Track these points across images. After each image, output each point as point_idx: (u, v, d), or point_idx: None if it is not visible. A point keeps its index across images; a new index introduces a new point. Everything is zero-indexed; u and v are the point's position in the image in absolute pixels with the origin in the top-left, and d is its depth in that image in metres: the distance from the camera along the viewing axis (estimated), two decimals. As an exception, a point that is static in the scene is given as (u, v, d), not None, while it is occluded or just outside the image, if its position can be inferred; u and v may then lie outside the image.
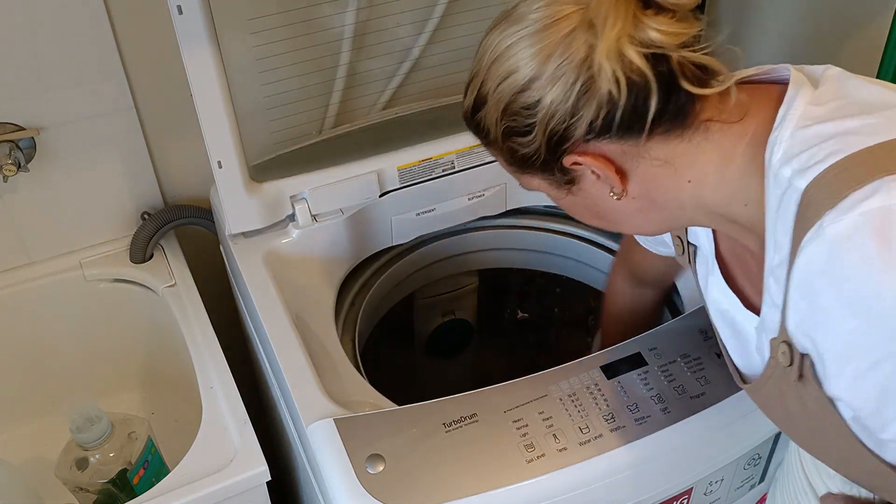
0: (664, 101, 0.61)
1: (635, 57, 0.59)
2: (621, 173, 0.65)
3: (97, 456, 0.98)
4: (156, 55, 1.04)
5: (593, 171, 0.65)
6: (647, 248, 0.90)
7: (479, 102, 0.68)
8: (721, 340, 0.77)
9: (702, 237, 0.77)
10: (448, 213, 1.10)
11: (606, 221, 0.72)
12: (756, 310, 0.69)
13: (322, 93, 1.12)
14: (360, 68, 1.13)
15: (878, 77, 0.92)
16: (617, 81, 0.60)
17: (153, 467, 1.03)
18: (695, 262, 0.80)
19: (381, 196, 1.04)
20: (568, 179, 0.68)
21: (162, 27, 0.99)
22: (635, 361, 0.83)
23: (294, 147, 1.07)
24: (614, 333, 1.03)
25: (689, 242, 0.79)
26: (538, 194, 1.15)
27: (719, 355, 0.83)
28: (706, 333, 0.85)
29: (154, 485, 0.84)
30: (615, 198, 0.67)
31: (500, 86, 0.65)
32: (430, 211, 1.08)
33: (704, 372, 0.82)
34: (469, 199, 1.10)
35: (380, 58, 1.14)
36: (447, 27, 1.15)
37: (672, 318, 0.95)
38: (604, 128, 0.62)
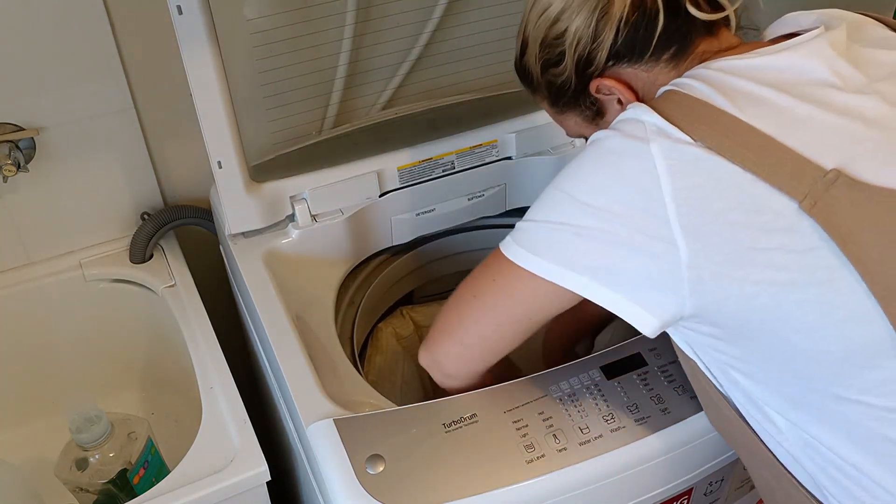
0: (670, 20, 0.69)
1: None
2: (639, 97, 0.73)
3: (97, 456, 0.97)
4: (156, 55, 1.04)
5: (618, 100, 0.74)
6: None
7: (524, 46, 0.78)
8: None
9: None
10: (448, 213, 1.10)
11: None
12: None
13: (322, 93, 1.12)
14: (359, 68, 1.13)
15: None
16: (626, 2, 0.69)
17: (153, 467, 1.03)
18: None
19: (381, 196, 1.04)
20: (596, 111, 0.77)
21: (162, 27, 0.99)
22: (635, 362, 0.83)
23: (294, 147, 1.07)
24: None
25: None
26: (537, 194, 1.15)
27: (719, 355, 0.83)
28: (706, 333, 0.85)
29: (154, 485, 0.83)
30: None
31: (538, 22, 0.75)
32: (430, 211, 1.08)
33: (704, 372, 0.82)
34: (469, 200, 1.10)
35: (379, 57, 1.14)
36: (447, 27, 1.15)
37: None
38: (621, 51, 0.71)
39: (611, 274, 0.65)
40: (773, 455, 0.71)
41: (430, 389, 1.12)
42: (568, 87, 0.75)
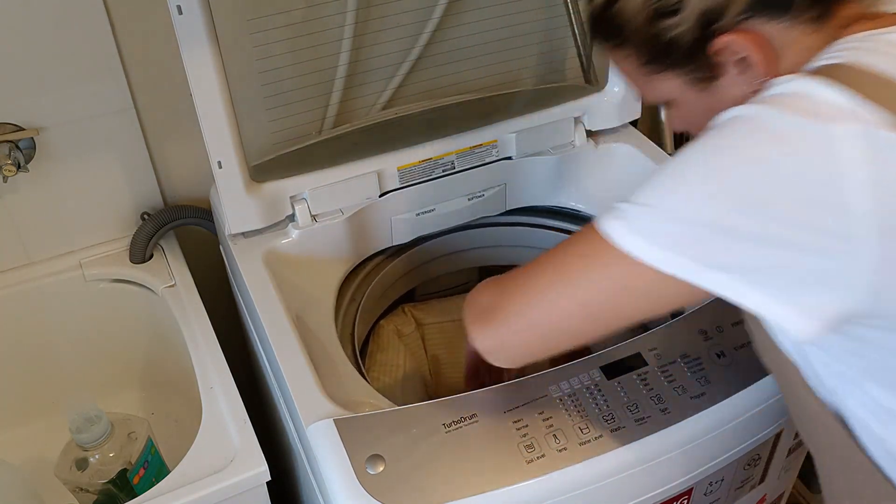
0: None
1: None
2: (772, 61, 0.62)
3: (97, 456, 0.97)
4: (156, 55, 1.04)
5: (742, 59, 0.62)
6: None
7: None
8: None
9: None
10: (448, 213, 1.10)
11: None
12: None
13: (322, 93, 1.12)
14: (359, 68, 1.13)
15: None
16: None
17: (153, 467, 1.03)
18: None
19: (381, 196, 1.04)
20: (709, 75, 0.65)
21: (162, 27, 0.99)
22: (635, 362, 0.83)
23: (294, 147, 1.07)
24: None
25: None
26: (537, 194, 1.15)
27: (719, 356, 0.83)
28: (706, 333, 0.85)
29: (154, 485, 0.84)
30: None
31: None
32: (430, 211, 1.08)
33: (704, 372, 0.82)
34: (469, 200, 1.10)
35: (380, 58, 1.14)
36: (447, 27, 1.15)
37: (672, 319, 0.95)
38: (762, 2, 0.60)
39: (766, 275, 0.55)
40: (880, 469, 0.64)
41: (432, 386, 1.13)
42: (681, 43, 0.63)
